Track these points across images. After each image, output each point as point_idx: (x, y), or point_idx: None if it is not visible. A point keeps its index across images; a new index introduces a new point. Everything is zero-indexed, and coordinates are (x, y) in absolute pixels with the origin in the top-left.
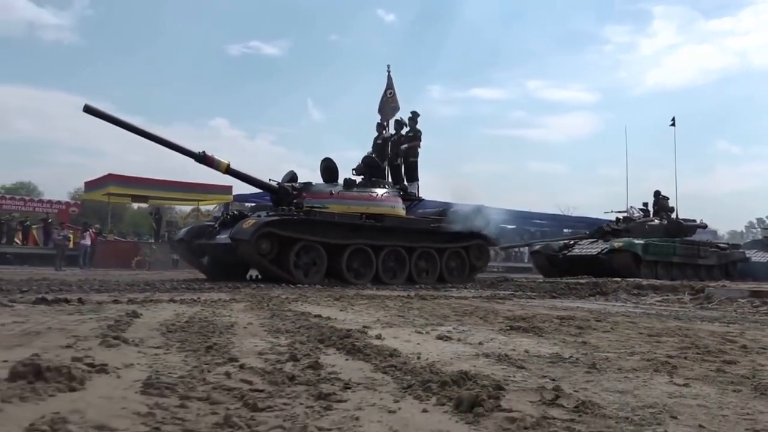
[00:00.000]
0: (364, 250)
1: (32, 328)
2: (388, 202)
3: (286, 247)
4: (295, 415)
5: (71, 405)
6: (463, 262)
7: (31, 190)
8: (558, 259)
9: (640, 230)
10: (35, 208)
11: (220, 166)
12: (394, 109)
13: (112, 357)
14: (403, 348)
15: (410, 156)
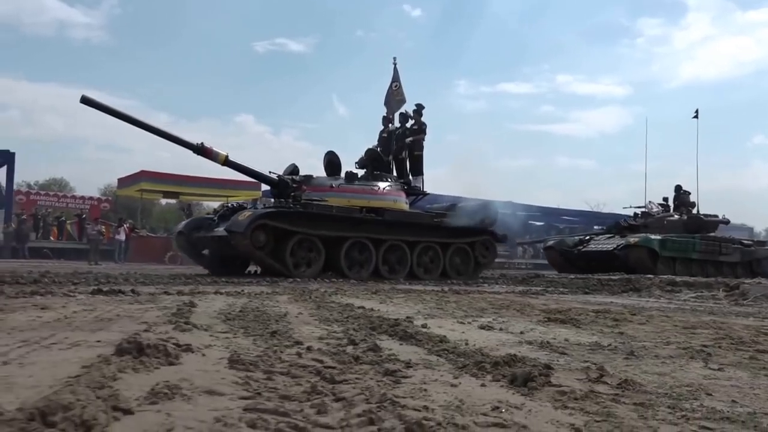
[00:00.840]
0: (363, 244)
1: (103, 315)
2: (390, 196)
3: (283, 240)
4: (370, 387)
5: (176, 375)
6: (469, 258)
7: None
8: (572, 254)
9: (659, 226)
10: (68, 204)
11: (218, 158)
12: (399, 102)
13: (190, 339)
14: (450, 335)
15: (415, 149)
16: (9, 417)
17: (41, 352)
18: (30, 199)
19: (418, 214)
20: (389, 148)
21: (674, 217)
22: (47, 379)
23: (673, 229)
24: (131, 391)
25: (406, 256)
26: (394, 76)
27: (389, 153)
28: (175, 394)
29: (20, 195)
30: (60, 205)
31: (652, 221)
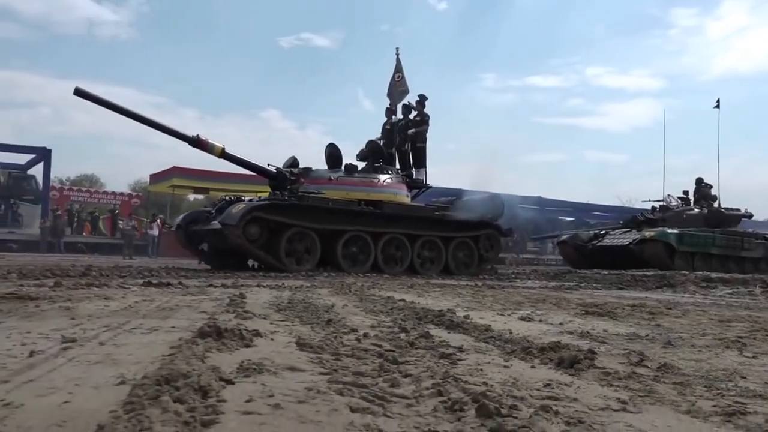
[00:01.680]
0: (361, 238)
1: (162, 305)
2: (390, 189)
3: (278, 234)
4: (430, 367)
5: (256, 355)
6: (472, 252)
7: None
8: (587, 249)
9: (677, 220)
10: (99, 200)
11: (215, 150)
12: (402, 93)
13: (255, 326)
14: (494, 325)
15: (417, 141)
16: (139, 382)
17: (126, 335)
18: (63, 195)
19: (418, 207)
20: (392, 140)
21: (694, 211)
22: (145, 357)
23: (693, 224)
24: (223, 367)
25: (406, 250)
26: (397, 67)
27: (392, 145)
28: (261, 369)
29: (54, 191)
30: (92, 201)
31: (671, 215)
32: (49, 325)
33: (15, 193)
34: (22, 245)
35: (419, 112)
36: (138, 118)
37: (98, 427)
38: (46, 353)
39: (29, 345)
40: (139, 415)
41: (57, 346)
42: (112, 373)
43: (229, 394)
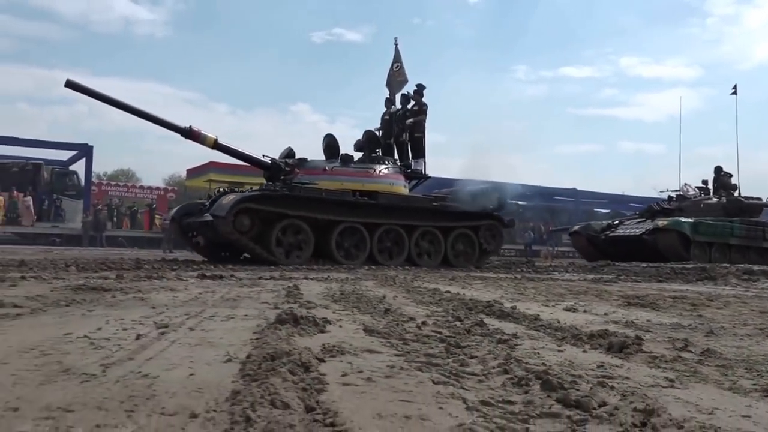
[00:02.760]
0: (356, 229)
1: (225, 296)
2: (387, 179)
3: (270, 225)
4: (491, 350)
5: (332, 339)
6: (473, 244)
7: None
8: (599, 240)
9: (695, 209)
10: (136, 194)
11: (207, 141)
12: (401, 83)
13: (321, 314)
14: (542, 315)
15: (415, 131)
16: (246, 360)
17: (208, 322)
18: (101, 190)
19: (415, 198)
20: (391, 130)
21: (712, 200)
22: (235, 340)
23: (711, 213)
24: (306, 349)
25: (403, 242)
26: (396, 57)
27: (391, 136)
28: (343, 351)
29: (93, 186)
30: (129, 195)
31: (688, 204)
32: (134, 313)
33: (58, 188)
34: (65, 239)
35: (417, 101)
36: (129, 109)
37: (233, 392)
38: (149, 337)
39: (130, 330)
40: (265, 383)
41: (155, 331)
42: (215, 353)
43: (325, 370)
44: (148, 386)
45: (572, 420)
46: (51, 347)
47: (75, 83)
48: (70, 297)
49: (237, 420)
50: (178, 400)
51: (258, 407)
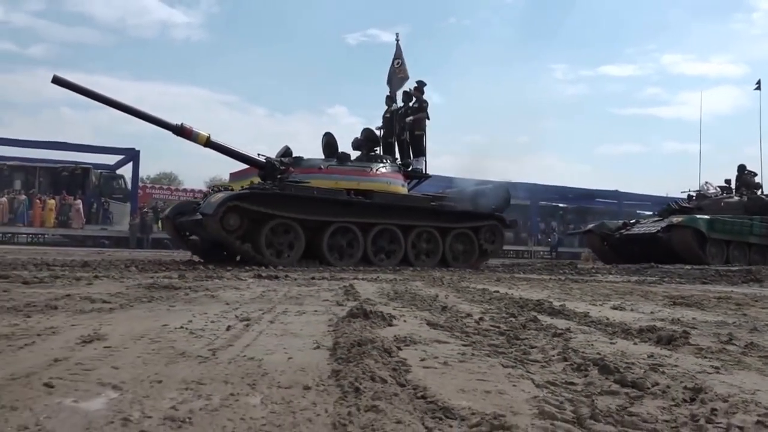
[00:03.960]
0: (349, 229)
1: (287, 294)
2: (383, 178)
3: (260, 225)
4: (548, 342)
5: (401, 331)
6: (472, 245)
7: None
8: (614, 239)
9: (715, 208)
10: (179, 197)
11: (199, 139)
12: (401, 80)
13: (385, 310)
14: (591, 312)
15: (416, 129)
16: (335, 346)
17: (284, 316)
18: (146, 193)
19: (412, 197)
20: (392, 129)
21: (733, 199)
22: (315, 331)
23: (731, 212)
24: (379, 339)
25: (399, 242)
26: (396, 53)
27: (393, 134)
28: (414, 341)
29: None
30: (172, 198)
31: (708, 203)
32: (212, 308)
33: (106, 192)
34: (113, 241)
35: (418, 98)
36: (118, 105)
37: (333, 371)
38: (236, 328)
39: (217, 322)
40: (360, 364)
41: (239, 324)
42: (302, 342)
43: (404, 355)
44: (258, 366)
45: (630, 396)
46: (157, 336)
47: (62, 79)
48: (147, 294)
49: (347, 390)
50: (289, 377)
51: (362, 381)
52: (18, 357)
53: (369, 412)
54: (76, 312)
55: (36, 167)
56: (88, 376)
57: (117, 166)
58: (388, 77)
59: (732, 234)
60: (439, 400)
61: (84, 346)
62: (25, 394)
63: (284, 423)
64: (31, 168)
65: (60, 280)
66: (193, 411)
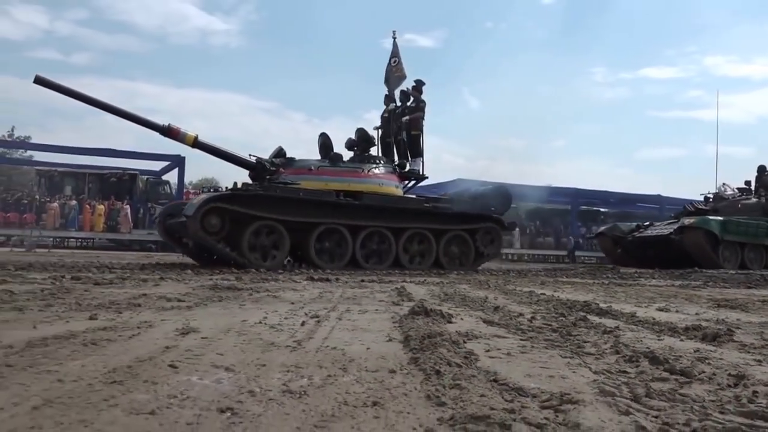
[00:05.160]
0: (338, 231)
1: (343, 295)
2: (375, 180)
3: (243, 227)
4: (599, 338)
5: (461, 328)
6: (468, 247)
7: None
8: (626, 241)
9: (731, 209)
10: None
11: (187, 139)
12: (399, 79)
13: (441, 309)
14: (637, 313)
15: (412, 129)
16: (406, 339)
17: (349, 314)
18: (188, 198)
19: (404, 199)
20: (390, 129)
21: (751, 200)
22: (383, 327)
23: (749, 213)
24: (439, 333)
25: (390, 244)
26: (393, 51)
27: (391, 134)
28: (476, 336)
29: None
30: None
31: (724, 205)
32: (280, 307)
33: (152, 197)
34: (159, 245)
35: (415, 98)
36: (103, 106)
37: (411, 358)
38: (309, 324)
39: (290, 319)
40: (435, 352)
41: (311, 320)
42: (373, 336)
43: (470, 347)
44: (342, 354)
45: (679, 381)
46: (242, 330)
47: (44, 79)
48: (215, 294)
49: (429, 373)
50: (373, 363)
51: (440, 366)
52: (132, 345)
53: (453, 389)
54: (158, 309)
55: (85, 173)
56: (200, 360)
57: (162, 172)
58: (385, 76)
59: (747, 236)
60: (509, 382)
61: (183, 337)
62: (158, 372)
63: (384, 396)
64: (81, 174)
65: (127, 281)
66: (304, 387)
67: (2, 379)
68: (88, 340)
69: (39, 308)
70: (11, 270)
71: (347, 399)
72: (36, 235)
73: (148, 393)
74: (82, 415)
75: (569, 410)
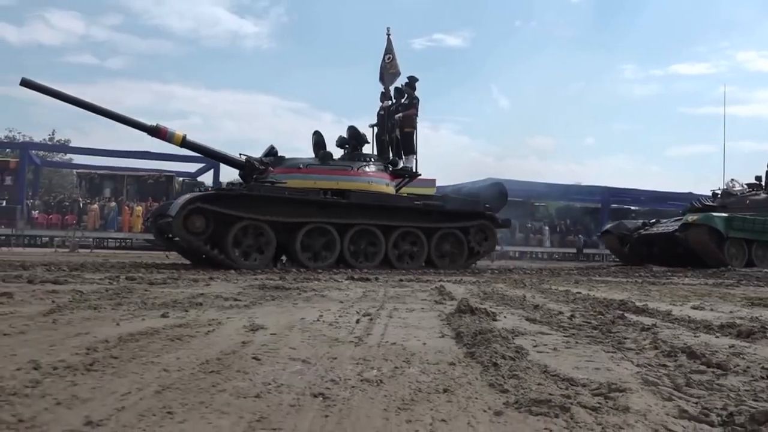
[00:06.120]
0: (325, 230)
1: (386, 294)
2: (364, 178)
3: (228, 227)
4: (638, 334)
5: (505, 324)
6: (461, 245)
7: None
8: (631, 239)
9: (739, 206)
10: None
11: (175, 139)
12: (393, 75)
13: (483, 307)
14: (673, 311)
15: (405, 126)
16: (458, 335)
17: (398, 312)
18: None
19: (392, 197)
20: (386, 126)
21: (760, 196)
22: (432, 324)
23: (758, 209)
24: (487, 330)
25: (379, 243)
26: (387, 48)
27: (386, 131)
28: (521, 333)
29: None
30: None
31: (732, 201)
32: (331, 306)
33: None
34: None
35: (409, 95)
36: (89, 107)
37: (467, 352)
38: (363, 321)
39: (345, 317)
40: (488, 347)
41: (364, 318)
42: (426, 332)
43: (518, 342)
44: (402, 349)
45: (715, 374)
46: (303, 327)
47: (31, 82)
48: (267, 294)
49: (487, 365)
50: (432, 356)
51: (496, 359)
52: (211, 340)
53: (512, 379)
54: (220, 308)
55: (124, 175)
56: (278, 354)
57: (197, 174)
58: (380, 73)
59: (753, 233)
60: (560, 373)
61: (254, 333)
62: (245, 364)
63: (451, 384)
64: (120, 176)
65: (179, 281)
66: (377, 376)
67: (116, 369)
68: (171, 336)
69: (111, 307)
70: (66, 270)
71: (420, 387)
72: (78, 236)
73: (244, 381)
74: (199, 398)
75: (618, 397)
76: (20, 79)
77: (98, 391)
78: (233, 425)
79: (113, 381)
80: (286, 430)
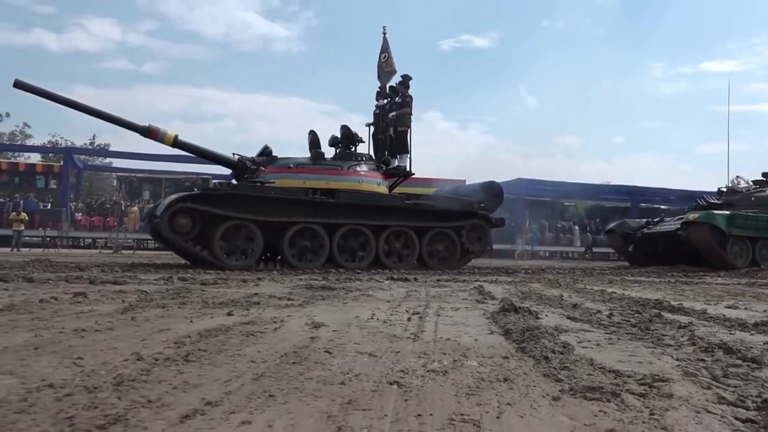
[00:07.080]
0: (314, 230)
1: (428, 293)
2: (355, 177)
3: (214, 226)
4: (676, 332)
5: (547, 323)
6: (454, 245)
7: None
8: (635, 238)
9: (745, 203)
10: None
11: (167, 139)
12: (389, 74)
13: (525, 306)
14: (708, 310)
15: (399, 125)
16: (506, 332)
17: (444, 311)
18: None
19: (382, 196)
20: (381, 125)
21: (765, 192)
22: (478, 322)
23: (763, 207)
24: (520, 331)
25: (369, 243)
26: (383, 46)
27: (381, 131)
28: (564, 330)
29: None
30: None
31: (738, 198)
32: (379, 305)
33: None
34: None
35: (402, 93)
36: (82, 108)
37: (518, 348)
38: (414, 320)
39: (395, 315)
40: (537, 343)
41: (414, 317)
42: (475, 329)
43: (563, 339)
44: (457, 344)
45: (751, 367)
46: (359, 324)
47: (24, 83)
48: (316, 293)
49: (539, 359)
50: (485, 351)
51: (546, 353)
52: (281, 336)
53: (563, 370)
54: (277, 307)
55: (162, 179)
56: (345, 348)
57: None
58: (377, 72)
59: (757, 230)
60: (606, 366)
61: (317, 329)
62: (320, 357)
63: (509, 375)
64: (158, 179)
65: (230, 282)
66: (441, 368)
67: (210, 360)
68: (244, 332)
69: (177, 306)
70: (119, 271)
71: (481, 376)
72: (121, 237)
73: (324, 371)
74: (291, 385)
75: (662, 386)
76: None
77: (204, 378)
78: (328, 406)
79: (213, 370)
80: (375, 409)
